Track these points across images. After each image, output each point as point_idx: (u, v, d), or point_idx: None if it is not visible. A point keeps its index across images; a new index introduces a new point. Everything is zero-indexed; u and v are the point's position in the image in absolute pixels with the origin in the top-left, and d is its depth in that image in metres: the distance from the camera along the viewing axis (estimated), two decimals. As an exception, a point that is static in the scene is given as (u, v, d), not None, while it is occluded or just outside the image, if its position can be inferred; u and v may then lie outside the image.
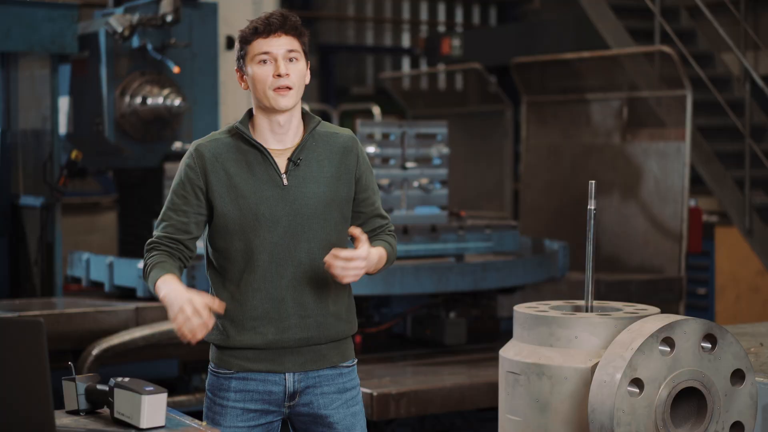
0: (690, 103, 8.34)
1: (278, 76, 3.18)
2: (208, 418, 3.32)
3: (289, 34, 3.20)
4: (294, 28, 3.22)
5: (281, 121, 3.24)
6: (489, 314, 7.18)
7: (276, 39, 3.19)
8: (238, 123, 3.27)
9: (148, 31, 7.10)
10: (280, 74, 3.17)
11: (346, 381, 3.33)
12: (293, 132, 3.26)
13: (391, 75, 15.34)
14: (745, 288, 9.94)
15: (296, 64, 3.21)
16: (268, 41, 3.19)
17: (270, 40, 3.19)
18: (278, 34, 3.19)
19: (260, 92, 3.21)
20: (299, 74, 3.22)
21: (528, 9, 15.78)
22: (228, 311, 3.23)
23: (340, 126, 3.46)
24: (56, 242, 6.97)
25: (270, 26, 3.18)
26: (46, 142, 7.04)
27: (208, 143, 3.25)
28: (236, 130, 3.26)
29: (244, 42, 3.23)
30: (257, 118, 3.27)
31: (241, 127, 3.25)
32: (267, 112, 3.24)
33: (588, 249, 3.21)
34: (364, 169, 3.32)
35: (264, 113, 3.25)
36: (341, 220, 3.27)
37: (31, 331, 2.58)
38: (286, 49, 3.19)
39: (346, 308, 3.33)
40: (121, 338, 5.96)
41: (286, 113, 3.23)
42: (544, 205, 9.61)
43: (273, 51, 3.18)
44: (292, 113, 3.25)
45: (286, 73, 3.18)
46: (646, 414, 2.97)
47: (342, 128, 3.37)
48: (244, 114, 3.32)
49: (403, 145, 6.92)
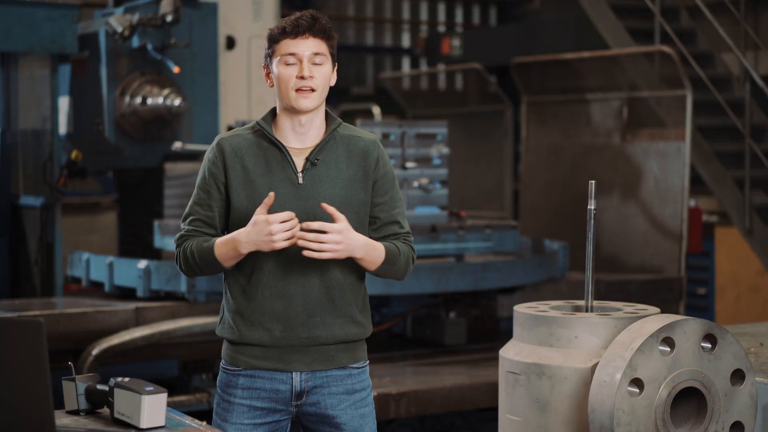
0: (690, 103, 8.35)
1: (302, 78, 3.19)
2: (217, 414, 3.34)
3: (317, 36, 3.22)
4: (322, 30, 3.23)
5: (302, 121, 3.25)
6: (489, 314, 7.19)
7: (303, 41, 3.20)
8: (260, 120, 3.30)
9: (148, 31, 7.10)
10: (303, 76, 3.19)
11: (355, 382, 3.32)
12: (314, 132, 3.28)
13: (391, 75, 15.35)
14: (745, 288, 9.95)
15: (321, 67, 3.23)
16: (296, 42, 3.20)
17: (297, 42, 3.20)
18: (306, 36, 3.21)
19: (283, 92, 3.23)
20: (324, 77, 3.24)
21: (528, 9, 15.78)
22: (239, 306, 3.25)
23: None
24: (56, 242, 6.97)
25: (298, 27, 3.20)
26: (46, 142, 7.04)
27: (230, 138, 3.29)
28: (258, 127, 3.28)
29: (272, 41, 3.25)
30: (280, 117, 3.29)
31: (263, 124, 3.28)
32: (289, 112, 3.26)
33: (588, 249, 3.21)
34: (382, 174, 3.31)
35: (286, 112, 3.27)
36: (357, 222, 3.25)
37: (31, 331, 2.58)
38: (313, 52, 3.21)
39: (359, 311, 3.31)
40: (121, 338, 5.96)
41: (308, 114, 3.25)
42: (544, 205, 9.61)
43: (299, 52, 3.20)
44: (314, 114, 3.26)
45: (310, 75, 3.20)
46: (646, 414, 2.97)
47: (366, 132, 3.37)
48: (267, 112, 3.34)
49: (403, 145, 6.92)
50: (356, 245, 3.17)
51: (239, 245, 3.15)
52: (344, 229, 3.12)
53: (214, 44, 7.58)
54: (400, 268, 3.31)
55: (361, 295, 3.33)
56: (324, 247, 3.10)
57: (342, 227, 3.12)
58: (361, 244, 3.18)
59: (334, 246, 3.11)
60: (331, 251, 3.11)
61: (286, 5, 13.56)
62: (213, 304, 6.27)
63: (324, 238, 3.09)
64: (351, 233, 3.15)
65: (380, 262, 3.25)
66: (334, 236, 3.10)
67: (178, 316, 6.22)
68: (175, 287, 6.29)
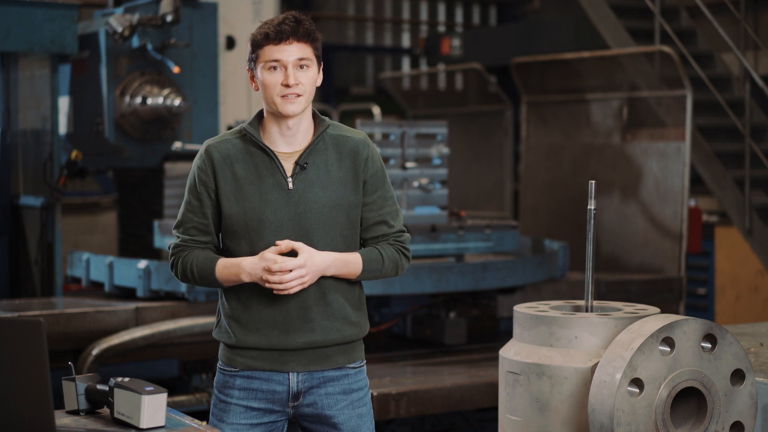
0: (690, 103, 8.34)
1: (287, 86, 3.16)
2: (214, 414, 3.33)
3: (301, 40, 3.17)
4: (306, 34, 3.18)
5: (290, 125, 3.23)
6: (489, 314, 7.18)
7: (287, 46, 3.16)
8: (247, 125, 3.26)
9: (148, 31, 7.10)
10: (289, 84, 3.15)
11: (352, 382, 3.32)
12: (302, 135, 3.25)
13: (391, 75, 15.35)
14: (745, 288, 9.95)
15: (307, 71, 3.19)
16: (279, 48, 3.16)
17: (281, 47, 3.16)
18: (289, 41, 3.16)
19: (269, 98, 3.19)
20: (310, 80, 3.20)
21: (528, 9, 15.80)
22: (234, 312, 3.24)
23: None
24: (56, 242, 6.97)
25: (281, 33, 3.15)
26: (46, 142, 7.03)
27: (218, 144, 3.25)
28: (246, 132, 3.25)
29: (255, 46, 3.20)
30: (267, 121, 3.26)
31: (250, 129, 3.24)
32: (276, 116, 3.23)
33: (588, 249, 3.21)
34: (372, 173, 3.28)
35: (273, 116, 3.24)
36: (348, 224, 3.25)
37: (31, 331, 2.58)
38: (297, 57, 3.17)
39: (355, 311, 3.30)
40: (121, 338, 5.96)
41: (295, 117, 3.22)
42: (544, 205, 9.61)
43: (283, 59, 3.16)
44: (301, 117, 3.23)
45: (296, 83, 3.16)
46: (646, 414, 2.97)
47: (355, 131, 3.33)
48: (254, 115, 3.30)
49: (403, 145, 6.92)
50: (324, 267, 3.17)
51: (242, 274, 3.16)
52: (306, 261, 3.12)
53: (214, 44, 7.58)
54: (387, 272, 3.30)
55: (356, 294, 3.32)
56: (288, 285, 3.12)
57: (303, 260, 3.12)
58: (329, 264, 3.18)
59: (299, 280, 3.12)
60: (298, 285, 3.13)
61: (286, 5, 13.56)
62: (213, 304, 6.26)
63: (287, 277, 3.10)
64: (314, 259, 3.15)
65: (358, 272, 3.25)
66: (296, 272, 3.11)
67: (178, 316, 6.22)
68: (175, 287, 6.29)
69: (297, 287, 3.13)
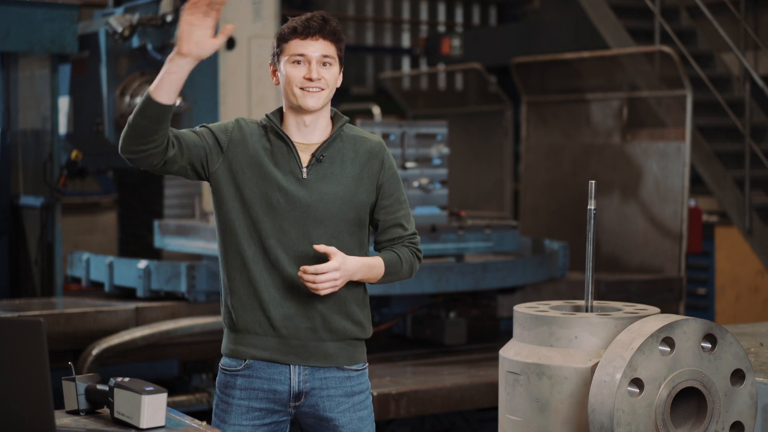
0: (690, 103, 8.35)
1: (309, 80, 3.20)
2: (216, 415, 3.34)
3: (326, 38, 3.23)
4: (332, 33, 3.24)
5: (307, 121, 3.26)
6: (489, 314, 7.18)
7: (313, 42, 3.21)
8: (270, 114, 3.32)
9: (148, 31, 7.10)
10: (311, 78, 3.20)
11: (354, 384, 3.33)
12: (320, 131, 3.29)
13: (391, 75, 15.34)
14: (745, 288, 9.95)
15: (329, 69, 3.24)
16: (305, 43, 3.21)
17: (307, 43, 3.21)
18: (316, 38, 3.21)
19: (289, 90, 3.23)
20: (331, 78, 3.25)
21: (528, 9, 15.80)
22: (236, 293, 3.26)
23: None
24: (56, 242, 6.97)
25: (309, 29, 3.21)
26: (46, 142, 7.04)
27: (249, 122, 3.31)
28: (267, 121, 3.30)
29: (281, 40, 3.25)
30: (286, 116, 3.30)
31: (272, 117, 3.30)
32: (295, 111, 3.27)
33: (588, 249, 3.21)
34: (387, 177, 3.32)
35: (292, 112, 3.28)
36: (356, 222, 3.28)
37: (31, 331, 2.58)
38: (321, 54, 3.22)
39: (358, 310, 3.32)
40: (121, 338, 5.96)
41: (313, 114, 3.25)
42: (544, 205, 9.61)
43: (308, 53, 3.21)
44: (319, 113, 3.27)
45: (318, 77, 3.21)
46: (646, 414, 2.97)
47: (372, 134, 3.39)
48: (275, 109, 3.35)
49: (403, 145, 6.92)
50: (353, 272, 3.21)
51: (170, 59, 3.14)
52: (340, 265, 3.15)
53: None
54: (403, 274, 3.36)
55: (361, 294, 3.34)
56: (320, 286, 3.13)
57: (338, 263, 3.15)
58: (358, 268, 3.22)
59: (332, 282, 3.14)
60: (330, 288, 3.15)
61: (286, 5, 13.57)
62: (213, 304, 6.27)
63: (320, 278, 3.12)
64: (347, 264, 3.18)
65: (380, 276, 3.30)
66: (330, 274, 3.14)
67: (178, 316, 6.23)
68: (175, 287, 6.29)
69: (329, 289, 3.16)
